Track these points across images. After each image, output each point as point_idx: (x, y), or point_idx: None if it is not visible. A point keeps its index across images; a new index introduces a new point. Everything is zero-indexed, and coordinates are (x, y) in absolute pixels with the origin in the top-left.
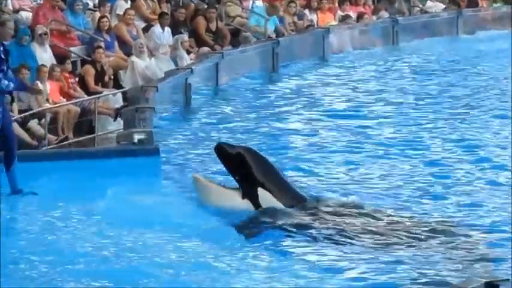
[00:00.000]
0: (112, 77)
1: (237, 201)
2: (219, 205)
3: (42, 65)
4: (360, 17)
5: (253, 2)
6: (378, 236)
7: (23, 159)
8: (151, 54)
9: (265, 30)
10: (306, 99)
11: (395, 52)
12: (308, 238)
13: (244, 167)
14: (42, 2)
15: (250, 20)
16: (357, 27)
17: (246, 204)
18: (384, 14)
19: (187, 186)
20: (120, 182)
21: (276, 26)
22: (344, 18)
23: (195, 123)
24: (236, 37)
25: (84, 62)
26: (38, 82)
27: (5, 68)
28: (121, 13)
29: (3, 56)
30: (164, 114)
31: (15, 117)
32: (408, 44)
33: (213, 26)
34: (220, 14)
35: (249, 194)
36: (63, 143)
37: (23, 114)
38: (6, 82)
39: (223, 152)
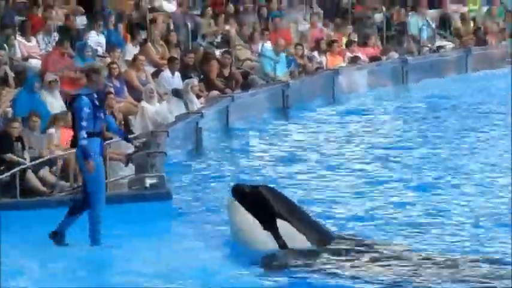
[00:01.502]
0: (122, 123)
1: (258, 231)
2: (242, 230)
3: (56, 114)
4: (372, 59)
5: (263, 45)
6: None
7: (35, 206)
8: (161, 99)
9: (274, 73)
10: (317, 140)
11: (405, 92)
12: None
13: (263, 202)
14: (51, 49)
15: (264, 65)
16: (366, 67)
17: (266, 236)
18: (394, 55)
19: (199, 229)
20: (133, 226)
21: (289, 68)
22: (353, 60)
23: (206, 166)
24: (245, 80)
25: None
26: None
27: (102, 114)
28: (130, 58)
29: (97, 103)
30: (175, 159)
31: (27, 165)
32: (418, 83)
33: (226, 71)
34: (231, 58)
35: (269, 225)
36: (75, 190)
37: (35, 162)
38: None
39: (241, 191)
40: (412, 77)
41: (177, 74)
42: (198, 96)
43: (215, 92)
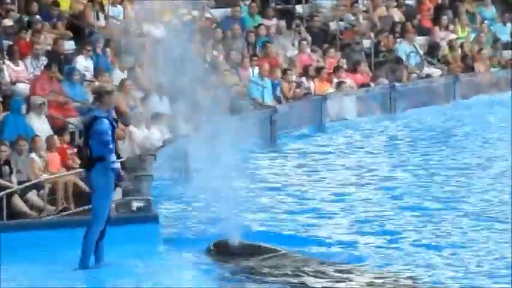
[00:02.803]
0: None
1: None
2: None
3: (36, 135)
4: (361, 85)
5: (252, 71)
6: None
7: (22, 228)
8: (149, 123)
9: (262, 99)
10: (305, 168)
11: (392, 120)
12: None
13: None
14: (39, 73)
15: (251, 90)
16: (354, 93)
17: None
18: (383, 81)
19: (186, 252)
20: (120, 249)
21: (276, 94)
22: (339, 85)
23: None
24: (233, 106)
25: (82, 133)
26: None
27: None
28: (118, 83)
29: (115, 125)
30: (163, 182)
31: (13, 189)
32: (406, 111)
33: (210, 94)
34: (218, 83)
35: None
36: (63, 213)
37: (22, 186)
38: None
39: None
40: (399, 104)
41: (165, 98)
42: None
43: (203, 117)
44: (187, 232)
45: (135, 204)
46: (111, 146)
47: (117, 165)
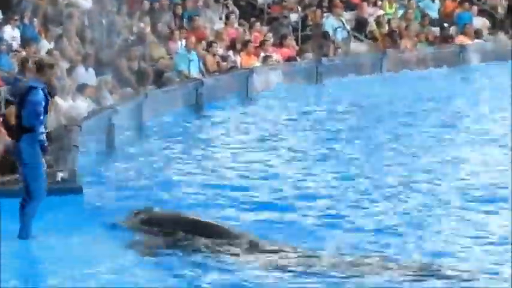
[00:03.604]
0: None
1: None
2: None
3: None
4: (287, 60)
5: (181, 44)
6: None
7: None
8: (75, 94)
9: (189, 72)
10: (230, 137)
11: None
12: None
13: None
14: None
15: (178, 63)
16: (280, 68)
17: None
18: (309, 56)
19: (108, 225)
20: (43, 219)
21: (199, 68)
22: (265, 59)
23: (118, 162)
24: (160, 78)
25: (7, 103)
26: None
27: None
28: (45, 53)
29: (48, 97)
30: (88, 153)
31: None
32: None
33: (135, 66)
34: (144, 55)
35: None
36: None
37: None
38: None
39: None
40: (326, 79)
41: (91, 70)
42: (112, 93)
43: (128, 89)
44: (110, 203)
45: (60, 175)
46: (41, 118)
47: (44, 137)
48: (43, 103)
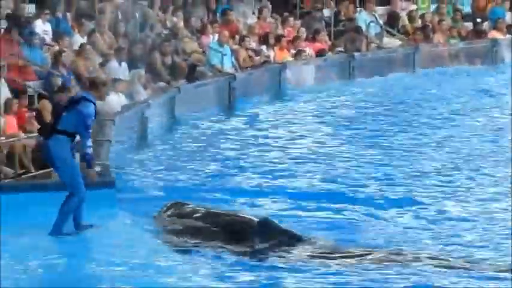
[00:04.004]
0: None
1: None
2: None
3: None
4: (320, 54)
5: (213, 38)
6: None
7: None
8: (108, 89)
9: (222, 66)
10: (262, 133)
11: (351, 87)
12: None
13: None
14: None
15: (211, 57)
16: (313, 62)
17: None
18: (341, 50)
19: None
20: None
21: (232, 62)
22: (298, 54)
23: (151, 156)
24: (193, 73)
25: (41, 97)
26: None
27: None
28: (78, 48)
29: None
30: (121, 147)
31: None
32: (365, 79)
33: (168, 61)
34: (177, 50)
35: None
36: (21, 177)
37: None
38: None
39: None
40: (358, 73)
41: (124, 64)
42: (145, 87)
43: (162, 83)
44: (145, 197)
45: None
46: (90, 131)
47: (91, 150)
48: (93, 118)
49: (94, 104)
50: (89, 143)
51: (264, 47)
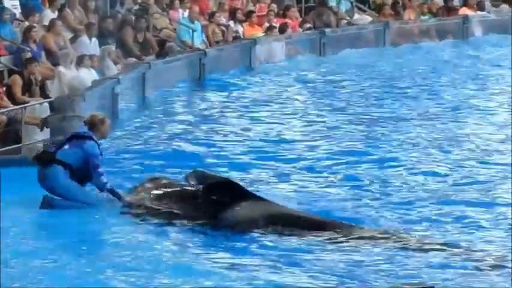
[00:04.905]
0: (39, 87)
1: None
2: None
3: None
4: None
5: (182, 14)
6: None
7: None
8: (78, 64)
9: (192, 41)
10: (233, 108)
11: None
12: None
13: None
14: None
15: (181, 33)
16: (284, 38)
17: None
18: (311, 27)
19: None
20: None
21: (203, 38)
22: (268, 29)
23: (121, 132)
24: (162, 48)
25: (11, 72)
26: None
27: None
28: (48, 23)
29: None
30: None
31: None
32: (335, 55)
33: (140, 37)
34: (148, 25)
35: None
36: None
37: None
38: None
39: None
40: (329, 50)
41: (95, 39)
42: (115, 63)
43: (132, 59)
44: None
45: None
46: (100, 170)
47: (109, 185)
48: (99, 157)
49: (98, 144)
50: (104, 179)
51: (232, 23)
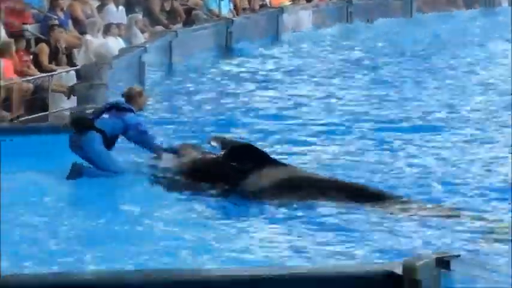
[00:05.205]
0: (66, 55)
1: None
2: None
3: None
4: None
5: None
6: None
7: None
8: (105, 33)
9: (219, 10)
10: (260, 77)
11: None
12: None
13: None
14: None
15: (208, 1)
16: (311, 7)
17: None
18: None
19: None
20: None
21: (230, 7)
22: None
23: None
24: (189, 16)
25: (38, 40)
26: None
27: None
28: None
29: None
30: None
31: None
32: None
33: (167, 5)
34: None
35: None
36: (16, 120)
37: None
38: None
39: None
40: (356, 18)
41: (122, 8)
42: (142, 31)
43: (159, 27)
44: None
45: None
46: (151, 133)
47: (158, 145)
48: (143, 124)
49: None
50: (157, 141)
51: None
